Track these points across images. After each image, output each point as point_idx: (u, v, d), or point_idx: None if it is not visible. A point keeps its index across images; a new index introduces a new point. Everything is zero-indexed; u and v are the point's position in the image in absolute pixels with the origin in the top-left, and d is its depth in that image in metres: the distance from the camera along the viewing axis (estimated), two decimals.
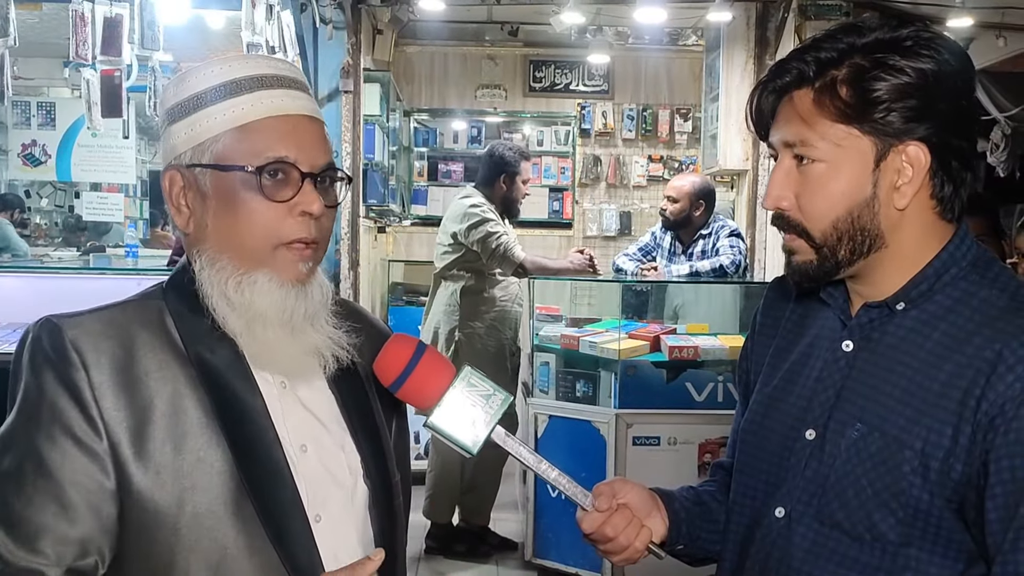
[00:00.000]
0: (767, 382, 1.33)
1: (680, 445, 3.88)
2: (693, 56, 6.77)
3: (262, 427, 1.17)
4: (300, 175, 1.17)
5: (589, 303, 4.96)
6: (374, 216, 5.92)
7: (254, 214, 1.16)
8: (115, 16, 3.63)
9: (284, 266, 1.18)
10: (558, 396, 4.19)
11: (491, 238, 4.39)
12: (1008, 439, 1.06)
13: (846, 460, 1.17)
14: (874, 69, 1.12)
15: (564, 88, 6.98)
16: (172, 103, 1.20)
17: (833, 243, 1.18)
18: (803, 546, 1.20)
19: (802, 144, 1.17)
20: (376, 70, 5.63)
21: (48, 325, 1.13)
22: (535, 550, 4.21)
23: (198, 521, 1.11)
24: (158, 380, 1.14)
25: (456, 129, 7.00)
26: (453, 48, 6.89)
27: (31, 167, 6.62)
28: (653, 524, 1.32)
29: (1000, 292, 1.15)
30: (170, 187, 1.20)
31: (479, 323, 4.52)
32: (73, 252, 6.27)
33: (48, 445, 1.09)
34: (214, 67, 1.20)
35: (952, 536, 1.12)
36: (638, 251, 4.89)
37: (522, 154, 4.64)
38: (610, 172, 6.97)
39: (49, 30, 5.08)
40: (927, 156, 1.13)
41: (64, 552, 1.08)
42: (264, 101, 1.18)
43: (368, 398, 1.31)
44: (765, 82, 1.22)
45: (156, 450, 1.11)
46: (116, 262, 5.06)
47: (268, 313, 1.17)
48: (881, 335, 1.20)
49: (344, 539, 1.21)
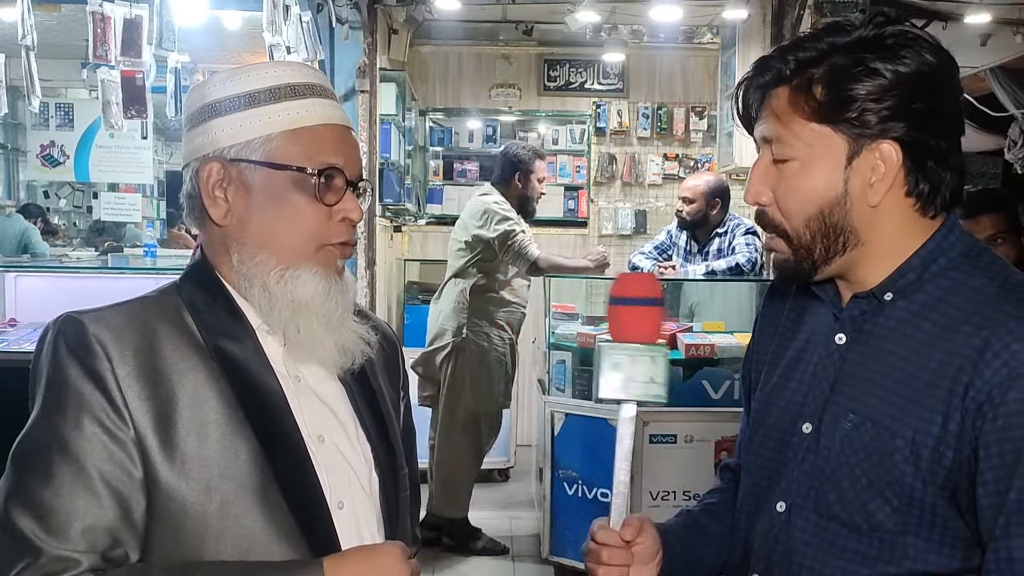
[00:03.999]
0: (768, 380, 1.34)
1: (696, 443, 3.88)
2: (708, 54, 6.75)
3: (284, 416, 1.20)
4: (346, 182, 1.23)
5: (605, 301, 4.96)
6: (390, 215, 5.94)
7: (301, 214, 1.21)
8: (135, 17, 3.66)
9: (324, 265, 1.23)
10: (574, 394, 4.19)
11: (509, 235, 4.43)
12: (996, 425, 1.07)
13: (840, 451, 1.18)
14: (850, 69, 1.14)
15: (579, 87, 6.96)
16: (217, 97, 1.23)
17: (807, 242, 1.20)
18: (803, 539, 1.21)
19: (777, 141, 1.20)
20: (392, 70, 5.64)
21: (70, 320, 1.15)
22: (552, 548, 4.21)
23: (226, 510, 1.13)
24: (180, 372, 1.16)
25: (471, 128, 7.00)
26: (468, 48, 6.89)
27: (49, 168, 6.66)
28: (648, 571, 1.32)
29: (990, 280, 1.16)
30: (207, 178, 1.22)
31: (486, 322, 4.55)
32: (92, 252, 6.31)
33: (75, 433, 1.10)
34: (269, 69, 1.24)
35: (948, 523, 1.12)
36: (654, 249, 4.89)
37: (536, 153, 4.68)
38: (625, 171, 6.96)
39: (67, 32, 5.11)
40: (899, 155, 1.15)
41: (96, 540, 1.09)
42: (317, 109, 1.24)
43: (375, 393, 1.34)
44: (749, 79, 1.25)
45: (181, 441, 1.13)
46: (134, 262, 5.09)
47: (311, 304, 1.21)
48: (872, 327, 1.21)
49: (366, 526, 1.24)
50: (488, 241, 4.46)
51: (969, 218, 3.23)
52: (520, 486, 5.59)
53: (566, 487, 4.06)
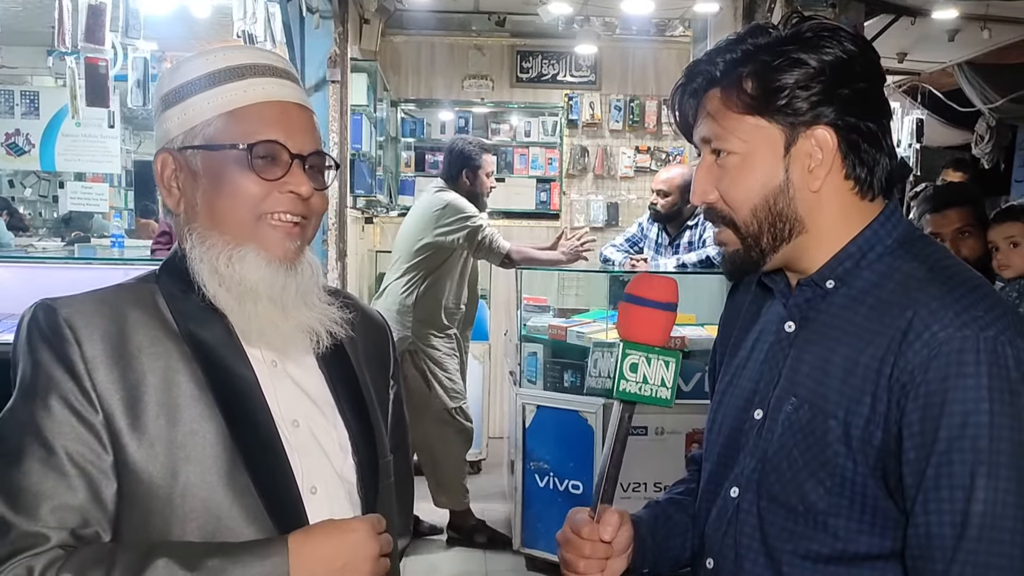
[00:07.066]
0: (726, 371, 1.39)
1: (667, 435, 3.89)
2: (680, 47, 6.78)
3: (255, 400, 1.21)
4: (290, 156, 1.22)
5: (577, 293, 4.97)
6: (361, 207, 5.91)
7: (242, 189, 1.21)
8: (99, 4, 3.61)
9: (271, 243, 1.23)
10: (546, 386, 4.20)
11: (478, 231, 4.40)
12: (918, 404, 1.10)
13: (781, 434, 1.22)
14: (775, 61, 1.18)
15: (551, 79, 6.96)
16: (166, 90, 1.26)
17: (755, 231, 1.23)
18: (750, 522, 1.25)
19: (716, 139, 1.23)
20: (363, 60, 5.61)
21: (43, 306, 1.18)
22: (523, 539, 4.22)
23: (192, 492, 1.14)
24: (150, 356, 1.18)
25: (443, 120, 6.97)
26: (440, 38, 6.86)
27: (15, 156, 6.58)
28: (621, 562, 1.33)
29: (920, 264, 1.19)
30: (162, 169, 1.25)
31: (433, 328, 4.52)
32: (58, 243, 6.23)
33: (45, 416, 1.12)
34: (208, 56, 1.25)
35: (878, 505, 1.15)
36: (625, 242, 4.90)
37: (482, 147, 4.64)
38: (597, 163, 6.96)
39: (33, 18, 5.04)
40: (834, 139, 1.19)
41: (65, 517, 1.10)
42: (256, 88, 1.24)
43: (357, 378, 1.34)
44: (681, 86, 1.29)
45: (150, 423, 1.15)
46: (101, 252, 5.04)
47: (259, 288, 1.21)
48: (817, 313, 1.25)
49: (340, 512, 1.23)
50: (453, 241, 4.41)
51: (936, 212, 3.27)
52: (492, 478, 5.59)
53: (537, 479, 4.06)
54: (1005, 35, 6.08)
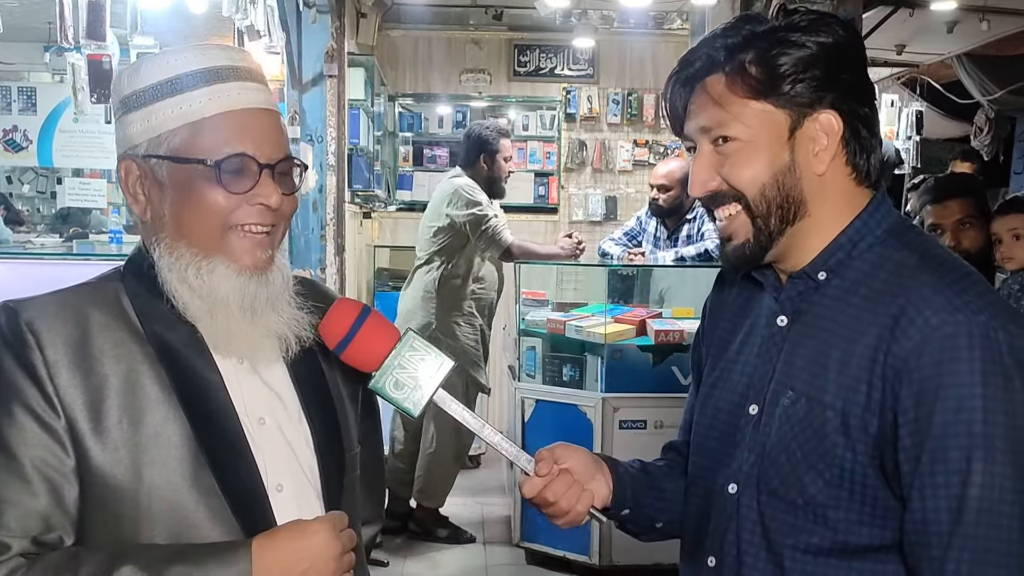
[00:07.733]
0: (715, 365, 1.38)
1: (666, 428, 3.89)
2: (678, 40, 6.75)
3: (220, 400, 1.20)
4: (259, 167, 1.20)
5: (575, 288, 4.97)
6: (359, 202, 5.90)
7: (210, 202, 1.19)
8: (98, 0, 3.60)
9: (239, 253, 1.21)
10: (545, 380, 4.20)
11: (483, 220, 4.40)
12: (912, 390, 1.10)
13: (778, 428, 1.22)
14: (777, 46, 1.19)
15: (549, 72, 6.95)
16: (127, 92, 1.22)
17: (764, 211, 1.23)
18: (751, 517, 1.24)
19: (719, 126, 1.22)
20: (360, 54, 5.60)
21: (5, 309, 1.17)
22: (523, 533, 4.23)
23: (157, 494, 1.14)
24: (113, 358, 1.17)
25: (441, 114, 6.97)
26: (437, 32, 6.84)
27: (12, 152, 6.55)
28: (596, 487, 1.34)
29: (911, 252, 1.20)
30: (126, 176, 1.23)
31: (456, 312, 4.51)
32: (56, 239, 6.21)
33: (7, 422, 1.12)
34: (168, 58, 1.21)
35: (878, 495, 1.15)
36: (624, 235, 4.89)
37: (500, 132, 4.63)
38: (595, 157, 6.96)
39: (30, 14, 5.03)
40: (839, 123, 1.20)
41: (28, 524, 1.11)
42: (221, 96, 1.20)
43: (323, 374, 1.33)
44: (676, 74, 1.29)
45: (113, 426, 1.14)
46: (100, 248, 5.02)
47: (230, 299, 1.20)
48: (810, 306, 1.25)
49: (308, 509, 1.23)
50: (461, 224, 4.43)
51: (937, 203, 3.25)
52: (491, 472, 5.60)
53: None
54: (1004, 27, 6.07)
